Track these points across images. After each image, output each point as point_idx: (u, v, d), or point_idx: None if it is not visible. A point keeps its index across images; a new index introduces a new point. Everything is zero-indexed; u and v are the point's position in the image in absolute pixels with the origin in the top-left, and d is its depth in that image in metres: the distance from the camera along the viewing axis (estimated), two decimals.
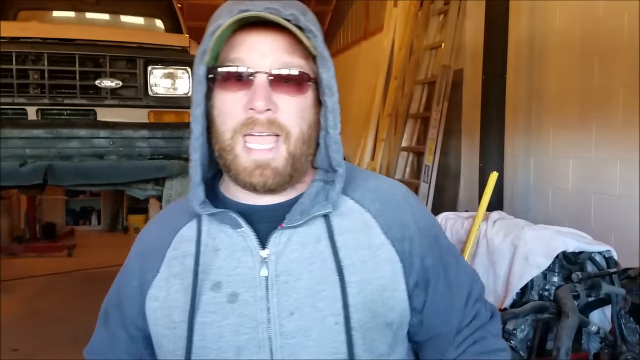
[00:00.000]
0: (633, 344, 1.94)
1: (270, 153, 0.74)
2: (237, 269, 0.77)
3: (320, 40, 0.74)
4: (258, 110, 0.72)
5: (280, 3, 0.73)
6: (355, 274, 0.77)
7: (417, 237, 0.82)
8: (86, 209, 8.51)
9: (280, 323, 0.75)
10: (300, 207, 0.77)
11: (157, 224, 0.89)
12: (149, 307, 0.81)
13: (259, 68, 0.73)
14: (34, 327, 3.92)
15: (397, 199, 0.84)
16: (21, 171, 2.79)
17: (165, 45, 3.08)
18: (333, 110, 0.76)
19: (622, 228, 3.02)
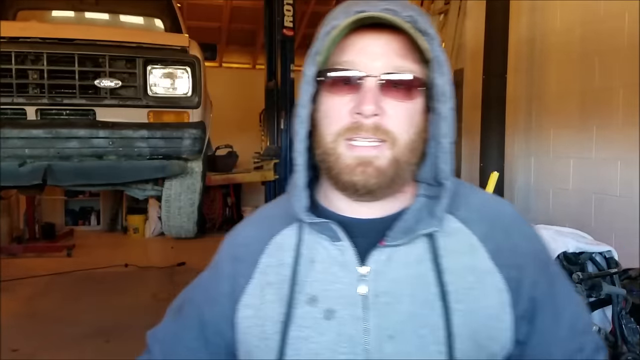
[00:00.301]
0: (633, 344, 1.93)
1: (375, 150, 0.70)
2: (334, 284, 0.73)
3: (437, 44, 0.71)
4: (365, 115, 0.68)
5: (398, 4, 0.70)
6: (461, 302, 0.71)
7: (526, 264, 0.75)
8: (85, 209, 8.51)
9: (380, 346, 0.70)
10: (404, 225, 0.73)
11: (252, 227, 0.85)
12: (241, 315, 0.78)
13: (369, 71, 0.70)
14: (34, 327, 3.92)
15: (505, 220, 0.78)
16: (20, 171, 2.78)
17: (165, 45, 3.07)
18: (447, 118, 0.71)
19: (623, 228, 3.01)
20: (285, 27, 4.84)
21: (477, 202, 0.79)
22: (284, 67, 4.92)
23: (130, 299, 4.67)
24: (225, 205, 8.55)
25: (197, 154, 3.07)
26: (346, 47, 0.71)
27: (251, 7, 8.22)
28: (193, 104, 3.00)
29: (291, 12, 4.87)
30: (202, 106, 3.05)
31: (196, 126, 2.99)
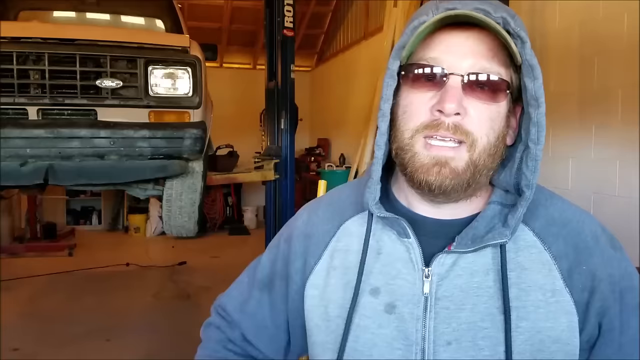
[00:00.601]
0: None
1: (452, 152, 0.68)
2: (397, 280, 0.74)
3: (528, 48, 0.69)
4: (446, 113, 0.67)
5: (490, 4, 0.67)
6: (525, 319, 0.70)
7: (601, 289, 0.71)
8: (87, 209, 8.53)
9: (435, 350, 0.70)
10: (473, 232, 0.71)
11: (324, 209, 0.85)
12: (308, 294, 0.80)
13: (454, 70, 0.68)
14: (35, 326, 3.93)
15: (586, 238, 0.73)
16: (22, 171, 2.79)
17: (166, 45, 3.08)
18: (538, 123, 0.68)
19: (622, 228, 3.02)
20: (285, 28, 4.85)
21: (557, 216, 0.75)
22: (284, 68, 4.92)
23: (131, 299, 4.69)
24: (226, 205, 8.56)
25: (198, 153, 3.08)
26: (433, 43, 0.70)
27: (251, 8, 8.23)
28: (194, 104, 3.01)
29: (291, 12, 4.87)
30: (203, 106, 3.06)
31: (197, 126, 3.00)
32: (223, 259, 6.21)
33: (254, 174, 5.42)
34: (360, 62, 7.24)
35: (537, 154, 0.70)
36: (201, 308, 4.39)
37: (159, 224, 7.47)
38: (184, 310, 4.39)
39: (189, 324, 4.02)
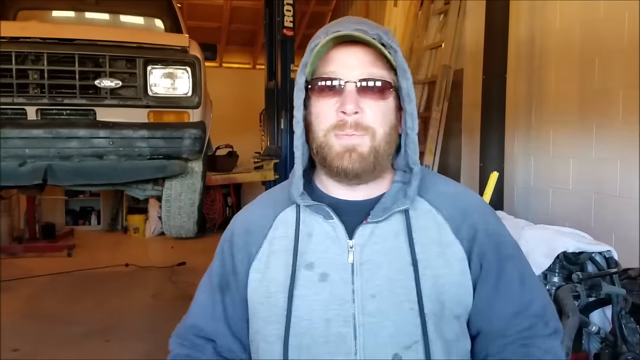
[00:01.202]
0: (633, 344, 1.93)
1: (357, 139, 0.86)
2: (327, 254, 0.90)
3: (399, 55, 0.86)
4: (348, 113, 0.85)
5: (367, 25, 0.87)
6: (429, 268, 0.88)
7: (479, 237, 0.92)
8: (86, 209, 8.51)
9: (363, 304, 0.87)
10: (382, 205, 0.90)
11: (260, 207, 1.02)
12: (251, 278, 0.94)
13: (349, 79, 0.86)
14: (34, 326, 3.92)
15: (467, 204, 0.95)
16: (21, 171, 2.78)
17: (165, 45, 3.08)
18: (411, 114, 0.88)
19: (623, 228, 3.01)
20: (285, 27, 4.85)
21: (446, 189, 0.96)
22: (284, 67, 4.92)
23: (130, 299, 4.68)
24: (225, 205, 8.55)
25: (197, 153, 3.07)
26: (329, 60, 0.88)
27: (251, 7, 8.22)
28: (193, 104, 3.00)
29: (291, 12, 4.87)
30: (202, 106, 3.05)
31: (196, 126, 3.00)
32: None
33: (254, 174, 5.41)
34: None
35: (413, 138, 0.90)
36: None
37: (158, 224, 7.46)
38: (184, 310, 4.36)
39: None
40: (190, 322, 1.03)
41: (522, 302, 0.93)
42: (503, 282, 0.92)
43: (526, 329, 0.92)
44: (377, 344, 0.86)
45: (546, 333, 0.93)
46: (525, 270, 0.96)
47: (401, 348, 0.86)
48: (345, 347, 0.86)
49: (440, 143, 4.54)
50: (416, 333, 0.86)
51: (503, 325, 0.92)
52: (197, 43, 3.21)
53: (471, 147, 4.44)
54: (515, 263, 0.95)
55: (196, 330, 1.01)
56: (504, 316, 0.92)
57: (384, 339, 0.86)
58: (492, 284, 0.92)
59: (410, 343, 0.86)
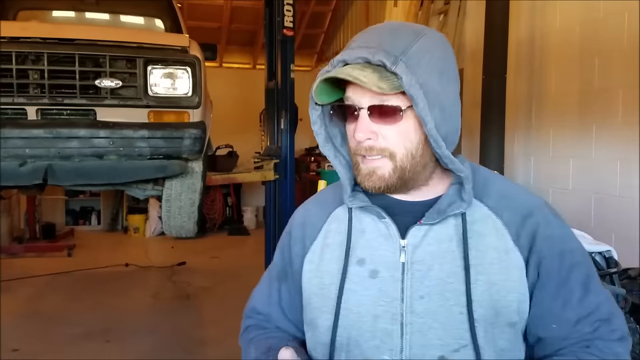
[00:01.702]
0: (633, 344, 1.94)
1: (378, 162, 0.88)
2: (379, 251, 0.92)
3: (406, 80, 0.81)
4: (359, 141, 0.87)
5: (374, 50, 0.83)
6: (482, 274, 0.87)
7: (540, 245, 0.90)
8: (86, 209, 8.52)
9: (412, 303, 0.88)
10: (438, 207, 0.90)
11: (316, 204, 1.05)
12: (305, 268, 0.98)
13: (361, 105, 0.87)
14: (34, 326, 3.92)
15: (530, 208, 0.92)
16: (21, 171, 2.78)
17: (165, 45, 3.07)
18: (431, 136, 0.85)
19: (622, 228, 3.02)
20: (285, 27, 4.84)
21: (505, 192, 0.94)
22: (284, 67, 4.91)
23: (130, 299, 4.68)
24: (225, 205, 8.55)
25: (197, 153, 3.07)
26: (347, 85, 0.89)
27: (251, 7, 8.22)
28: (193, 104, 3.00)
29: (291, 12, 4.87)
30: (202, 106, 3.05)
31: (196, 126, 3.00)
32: (223, 260, 6.21)
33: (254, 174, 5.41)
34: None
35: (444, 154, 0.87)
36: (201, 308, 4.39)
37: (158, 224, 7.46)
38: (184, 310, 4.39)
39: (189, 325, 4.02)
40: (251, 305, 1.10)
41: (586, 308, 0.90)
42: (566, 289, 0.90)
43: (589, 333, 0.89)
44: (424, 345, 0.87)
45: (612, 338, 0.90)
46: (591, 276, 0.93)
47: (448, 351, 0.86)
48: (392, 343, 0.88)
49: None
50: (464, 337, 0.86)
51: (565, 332, 0.90)
52: (197, 43, 3.21)
53: (471, 147, 4.45)
54: (581, 269, 0.92)
55: (256, 312, 1.08)
56: (566, 323, 0.90)
57: (431, 340, 0.87)
58: (553, 292, 0.90)
59: (458, 347, 0.86)
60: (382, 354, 0.88)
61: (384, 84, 0.82)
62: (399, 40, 0.85)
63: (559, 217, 0.95)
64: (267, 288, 1.08)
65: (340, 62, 0.86)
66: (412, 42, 0.85)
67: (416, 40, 0.85)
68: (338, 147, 0.97)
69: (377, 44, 0.84)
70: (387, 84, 0.83)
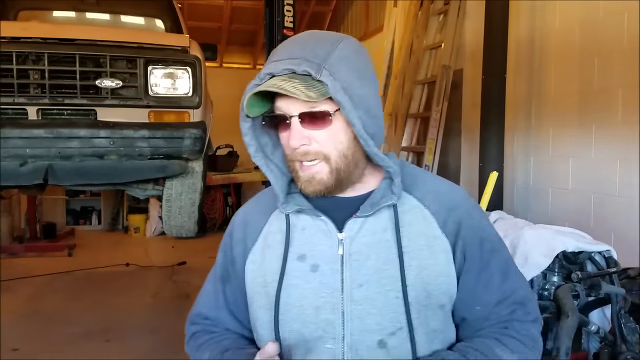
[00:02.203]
0: (633, 343, 1.94)
1: (316, 167, 0.93)
2: (318, 246, 0.97)
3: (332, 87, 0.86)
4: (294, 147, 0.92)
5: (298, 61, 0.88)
6: (414, 259, 0.94)
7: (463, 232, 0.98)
8: (86, 209, 8.51)
9: (351, 292, 0.93)
10: (371, 201, 0.96)
11: (256, 206, 1.09)
12: (248, 269, 1.02)
13: (291, 113, 0.91)
14: (34, 326, 3.93)
15: (454, 200, 1.00)
16: (21, 171, 2.79)
17: (166, 45, 3.08)
18: (360, 136, 0.90)
19: (622, 228, 3.02)
20: (285, 28, 4.85)
21: (431, 186, 1.02)
22: None
23: (130, 299, 4.68)
24: (225, 205, 8.54)
25: (197, 153, 3.08)
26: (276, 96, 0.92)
27: (251, 7, 8.22)
28: (194, 104, 3.01)
29: (291, 12, 4.87)
30: (202, 106, 3.06)
31: (197, 126, 3.00)
32: None
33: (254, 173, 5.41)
34: None
35: (372, 152, 0.92)
36: None
37: (158, 224, 7.46)
38: (184, 310, 4.36)
39: None
40: (197, 311, 1.12)
41: (504, 292, 0.99)
42: (487, 273, 0.98)
43: (507, 315, 0.98)
44: (363, 330, 0.92)
45: (527, 319, 0.99)
46: (509, 263, 1.03)
47: (386, 334, 0.92)
48: (334, 332, 0.93)
49: (440, 143, 4.54)
50: (400, 320, 0.92)
51: (485, 313, 0.98)
52: (198, 43, 3.22)
53: (471, 147, 4.45)
54: (499, 256, 1.01)
55: (202, 317, 1.11)
56: (487, 304, 0.98)
57: (370, 325, 0.92)
58: (475, 275, 0.98)
59: (394, 330, 0.92)
60: (325, 343, 0.93)
61: (312, 92, 0.87)
62: (319, 49, 0.90)
63: (479, 209, 1.06)
64: (213, 292, 1.11)
65: (267, 75, 0.90)
66: (331, 51, 0.90)
67: (335, 48, 0.91)
68: (269, 155, 1.01)
69: (300, 54, 0.89)
70: (314, 92, 0.88)
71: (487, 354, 0.93)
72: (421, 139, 4.97)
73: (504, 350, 0.94)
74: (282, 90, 0.87)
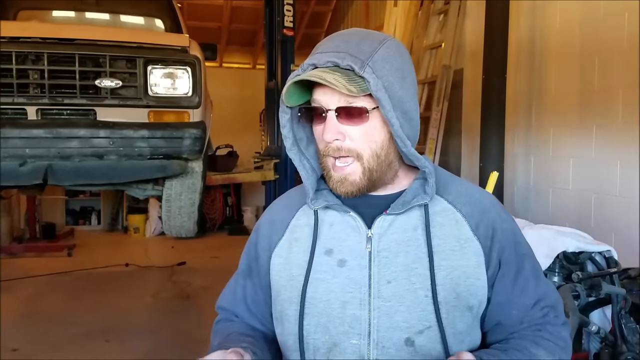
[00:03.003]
0: (633, 343, 1.94)
1: (349, 169, 0.93)
2: (347, 242, 0.96)
3: (373, 84, 0.86)
4: (328, 141, 0.92)
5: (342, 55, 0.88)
6: (444, 260, 0.94)
7: (498, 236, 0.97)
8: (86, 209, 8.51)
9: (379, 288, 0.93)
10: (403, 199, 0.96)
11: (285, 200, 1.09)
12: (273, 262, 1.02)
13: (329, 106, 0.91)
14: (34, 326, 3.92)
15: (485, 204, 1.01)
16: (21, 171, 2.79)
17: (165, 45, 3.08)
18: (398, 137, 0.90)
19: (622, 228, 3.02)
20: (285, 27, 4.85)
21: (465, 190, 1.02)
22: (284, 67, 4.92)
23: (130, 299, 4.68)
24: (225, 205, 8.54)
25: (197, 153, 3.07)
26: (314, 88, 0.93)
27: (251, 7, 8.22)
28: (193, 103, 3.00)
29: (291, 12, 4.87)
30: (202, 106, 3.05)
31: (196, 126, 3.00)
32: (223, 260, 6.20)
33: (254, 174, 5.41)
34: None
35: (409, 152, 0.92)
36: (201, 308, 4.39)
37: (158, 224, 7.46)
38: (184, 310, 4.38)
39: (188, 324, 4.02)
40: (218, 303, 1.14)
41: (538, 295, 0.99)
42: (522, 277, 0.98)
43: (540, 317, 0.99)
44: (391, 327, 0.91)
45: (558, 322, 1.00)
46: (538, 267, 1.04)
47: (414, 332, 0.91)
48: (360, 328, 0.92)
49: (440, 143, 4.54)
50: (429, 319, 0.91)
51: (521, 317, 0.98)
52: (197, 43, 3.21)
53: (471, 147, 4.45)
54: (531, 260, 1.02)
55: (222, 309, 1.13)
56: (523, 308, 0.98)
57: (397, 322, 0.92)
58: (512, 279, 0.97)
59: (422, 328, 0.91)
60: (351, 338, 0.92)
61: (352, 86, 0.87)
62: (364, 46, 0.90)
63: (509, 214, 1.06)
64: (234, 285, 1.12)
65: (310, 65, 0.90)
66: (376, 48, 0.90)
67: (380, 47, 0.91)
68: (303, 150, 1.01)
69: (345, 49, 0.89)
70: (355, 86, 0.87)
71: (523, 352, 0.94)
72: (421, 139, 4.96)
73: (539, 350, 0.95)
74: (322, 80, 0.87)
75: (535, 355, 0.94)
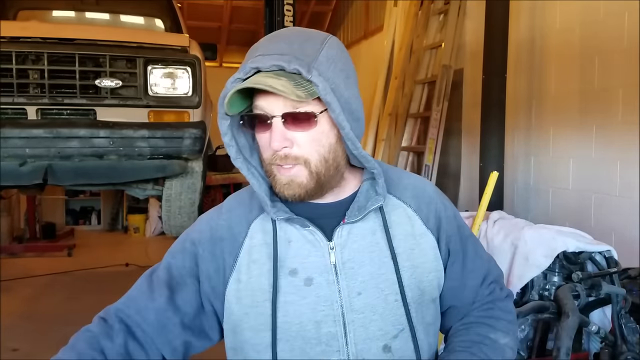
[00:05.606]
0: (633, 343, 1.94)
1: (294, 170, 0.88)
2: (309, 258, 0.92)
3: (322, 88, 0.83)
4: (275, 149, 0.86)
5: (287, 58, 0.83)
6: (407, 260, 0.94)
7: (445, 226, 0.99)
8: (86, 209, 8.51)
9: (350, 302, 0.90)
10: (357, 205, 0.93)
11: (230, 213, 0.99)
12: (231, 288, 0.93)
13: (273, 113, 0.86)
14: (34, 326, 3.92)
15: (429, 194, 1.01)
16: (21, 171, 2.79)
17: (165, 45, 3.08)
18: (349, 139, 0.87)
19: (622, 228, 3.02)
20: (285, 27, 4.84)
21: (408, 183, 1.01)
22: None
23: None
24: None
25: (197, 153, 3.07)
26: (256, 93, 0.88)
27: (251, 7, 8.22)
28: (193, 103, 3.00)
29: (291, 12, 4.87)
30: (202, 106, 3.05)
31: (196, 126, 3.00)
32: None
33: None
34: (360, 62, 7.23)
35: (360, 154, 0.90)
36: None
37: (158, 224, 7.46)
38: None
39: None
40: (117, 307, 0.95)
41: (484, 273, 1.04)
42: (469, 259, 1.02)
43: (488, 295, 1.03)
44: (367, 338, 0.90)
45: (503, 296, 1.05)
46: (478, 244, 1.07)
47: (389, 338, 0.91)
48: (337, 344, 0.90)
49: (440, 143, 4.54)
50: (402, 322, 0.92)
51: (472, 297, 1.02)
52: (198, 43, 3.21)
53: (471, 147, 4.44)
54: (472, 239, 1.05)
55: (122, 315, 0.94)
56: (473, 289, 1.02)
57: (373, 332, 0.91)
58: (461, 264, 1.01)
59: (397, 332, 0.92)
60: (330, 356, 0.90)
61: (300, 91, 0.83)
62: (307, 48, 0.86)
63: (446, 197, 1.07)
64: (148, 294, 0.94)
65: (252, 69, 0.85)
66: (319, 49, 0.86)
67: (323, 47, 0.87)
68: (248, 158, 0.94)
69: (289, 51, 0.84)
70: (302, 91, 0.83)
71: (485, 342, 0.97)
72: (421, 139, 4.97)
73: (497, 333, 0.99)
74: (271, 88, 0.81)
75: (495, 342, 0.98)
